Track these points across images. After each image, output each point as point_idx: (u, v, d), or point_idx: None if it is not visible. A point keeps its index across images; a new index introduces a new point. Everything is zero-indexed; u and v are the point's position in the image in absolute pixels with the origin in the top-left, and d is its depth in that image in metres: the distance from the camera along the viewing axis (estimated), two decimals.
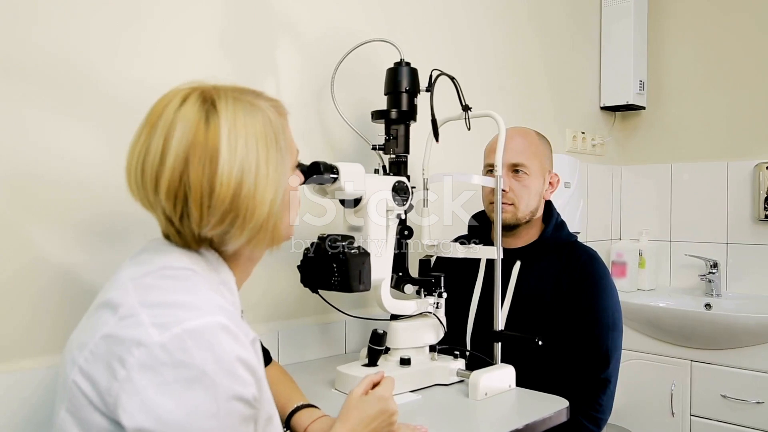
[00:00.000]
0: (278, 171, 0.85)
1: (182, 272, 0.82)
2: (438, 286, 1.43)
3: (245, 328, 0.80)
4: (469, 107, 1.46)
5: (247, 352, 0.77)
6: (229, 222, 0.82)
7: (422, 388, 1.34)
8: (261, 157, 0.83)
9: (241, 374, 0.75)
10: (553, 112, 2.43)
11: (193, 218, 0.82)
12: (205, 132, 0.80)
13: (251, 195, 0.82)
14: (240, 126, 0.82)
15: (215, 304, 0.78)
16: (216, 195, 0.80)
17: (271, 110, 0.88)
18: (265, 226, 0.85)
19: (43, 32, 1.15)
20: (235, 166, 0.80)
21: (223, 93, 0.84)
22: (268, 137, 0.85)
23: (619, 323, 1.50)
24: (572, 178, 2.31)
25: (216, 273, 0.87)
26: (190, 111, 0.81)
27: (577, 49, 2.56)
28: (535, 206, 1.55)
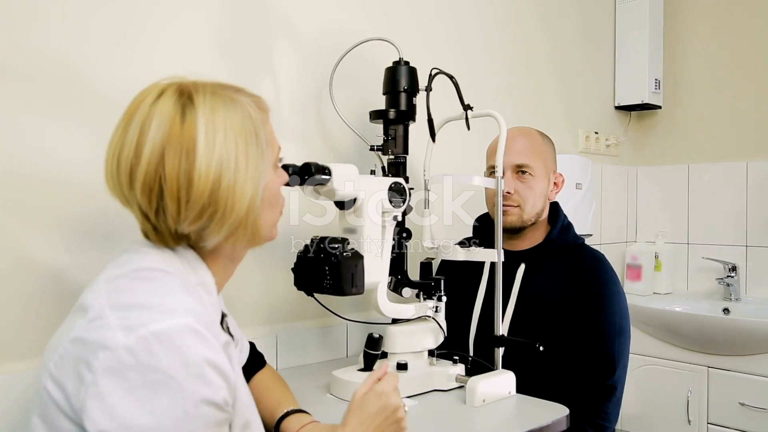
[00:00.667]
0: (258, 166, 0.84)
1: (155, 274, 0.80)
2: (438, 289, 1.40)
3: (217, 331, 0.78)
4: (470, 107, 1.43)
5: (217, 355, 0.75)
6: (207, 217, 0.81)
7: (420, 394, 1.31)
8: (240, 151, 0.82)
9: (210, 377, 0.73)
10: (565, 111, 2.38)
11: (169, 213, 0.80)
12: (181, 125, 0.79)
13: (231, 189, 0.81)
14: (218, 120, 0.81)
15: (185, 306, 0.76)
16: (194, 189, 0.79)
17: (252, 105, 0.87)
18: (244, 222, 0.84)
19: (39, 34, 1.15)
20: (213, 160, 0.79)
21: (201, 87, 0.83)
22: (247, 132, 0.83)
23: (626, 329, 1.45)
24: (584, 179, 2.26)
25: (194, 273, 0.86)
26: (166, 104, 0.80)
27: (590, 46, 2.51)
28: (541, 208, 1.51)
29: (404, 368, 1.31)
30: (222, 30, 1.41)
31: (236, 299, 1.46)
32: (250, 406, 0.88)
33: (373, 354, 1.30)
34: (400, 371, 1.30)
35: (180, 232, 0.83)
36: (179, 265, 0.84)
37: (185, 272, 0.84)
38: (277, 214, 0.95)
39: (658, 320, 2.36)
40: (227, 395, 0.76)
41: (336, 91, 1.52)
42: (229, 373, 0.77)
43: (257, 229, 0.87)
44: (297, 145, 1.55)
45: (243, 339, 1.21)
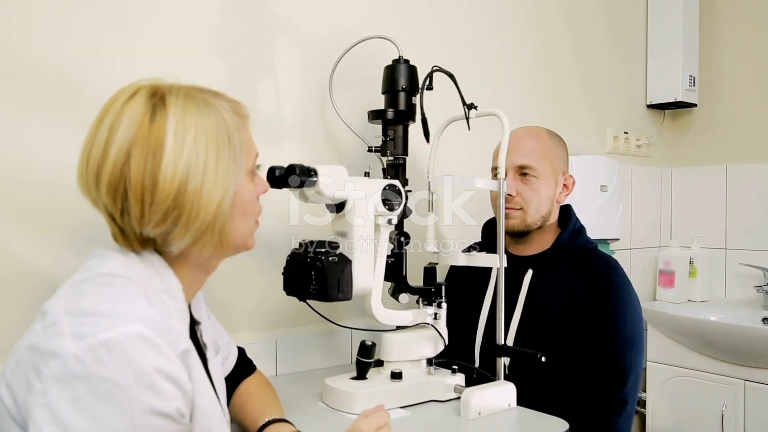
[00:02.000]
0: (229, 171, 0.82)
1: (115, 279, 0.79)
2: (438, 295, 1.35)
3: (174, 340, 0.76)
4: (473, 106, 1.37)
5: (171, 364, 0.73)
6: (172, 221, 0.79)
7: (415, 405, 1.26)
8: (210, 155, 0.80)
9: (160, 387, 0.71)
10: (592, 111, 2.29)
11: (133, 215, 0.79)
12: (150, 126, 0.78)
13: (197, 193, 0.79)
14: (189, 122, 0.79)
15: (139, 313, 0.74)
16: (159, 191, 0.77)
17: (227, 110, 0.85)
18: (211, 228, 0.82)
19: (23, 36, 1.15)
20: (180, 163, 0.78)
21: (175, 89, 0.82)
22: (219, 136, 0.82)
23: (638, 339, 1.37)
24: (610, 181, 2.16)
25: (159, 280, 0.84)
26: (137, 105, 0.79)
27: (620, 42, 2.40)
28: (547, 211, 1.44)
29: (398, 377, 1.26)
30: (220, 30, 1.40)
31: (235, 303, 1.44)
32: (214, 418, 0.85)
33: (365, 362, 1.26)
34: (394, 380, 1.26)
35: (145, 235, 0.81)
36: (144, 270, 0.83)
37: (149, 278, 0.83)
38: (252, 224, 0.92)
39: (691, 330, 2.24)
40: (182, 406, 0.74)
41: (339, 91, 1.49)
42: (185, 383, 0.75)
43: (225, 236, 0.84)
44: (299, 147, 1.52)
45: (230, 345, 1.19)
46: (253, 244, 0.94)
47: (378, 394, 1.22)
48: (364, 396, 1.21)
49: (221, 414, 0.89)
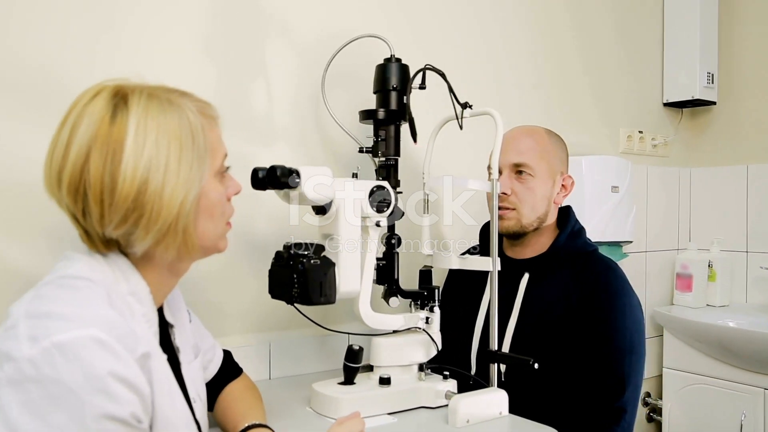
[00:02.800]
0: (192, 172, 0.81)
1: (77, 282, 0.78)
2: (431, 299, 1.32)
3: (133, 344, 0.74)
4: (468, 105, 1.33)
5: (126, 368, 0.72)
6: (132, 222, 0.79)
7: (404, 411, 1.23)
8: (172, 156, 0.79)
9: (114, 391, 0.70)
10: (603, 110, 2.22)
11: (94, 216, 0.79)
12: (110, 125, 0.77)
13: (157, 194, 0.78)
14: (151, 122, 0.78)
15: (96, 316, 0.73)
16: (118, 191, 0.77)
17: (193, 110, 0.83)
18: (173, 229, 0.81)
19: (18, 39, 1.16)
20: (140, 163, 0.77)
21: (138, 89, 0.81)
22: (183, 136, 0.81)
23: (638, 346, 1.31)
24: (621, 182, 2.09)
25: (125, 282, 0.83)
26: (98, 105, 0.79)
27: (634, 38, 2.33)
28: (543, 212, 1.39)
29: (387, 383, 1.23)
30: (212, 32, 1.39)
31: (228, 305, 1.43)
32: (180, 423, 0.83)
33: (352, 367, 1.24)
34: (382, 386, 1.23)
35: (107, 236, 0.81)
36: (108, 273, 0.82)
37: (115, 280, 0.82)
38: (222, 225, 0.91)
39: (710, 336, 2.16)
40: (138, 410, 0.73)
41: (336, 92, 1.47)
42: (142, 388, 0.74)
43: (189, 238, 0.83)
44: (292, 148, 1.51)
45: (215, 348, 1.17)
46: (225, 246, 0.93)
47: (365, 399, 1.20)
48: (350, 401, 1.18)
49: (190, 419, 0.88)
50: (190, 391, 0.94)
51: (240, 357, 1.44)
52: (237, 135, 1.43)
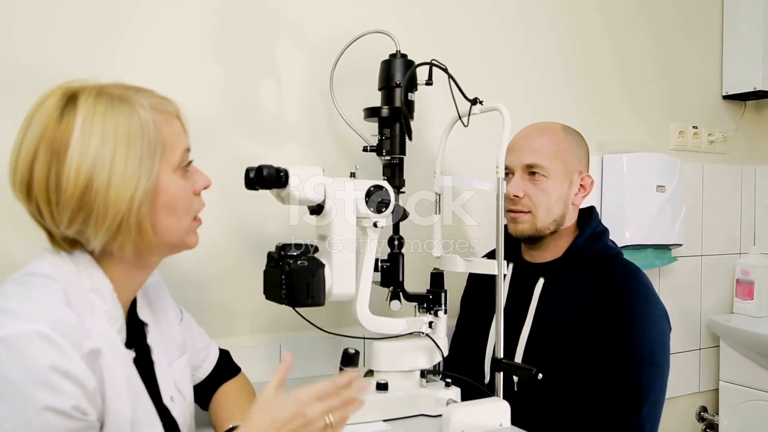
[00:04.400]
0: (141, 168, 0.81)
1: (36, 279, 0.80)
2: (437, 303, 1.27)
3: (80, 339, 0.75)
4: (478, 101, 1.28)
5: (70, 362, 0.73)
6: (82, 220, 0.79)
7: (401, 418, 1.19)
8: (119, 153, 0.79)
9: (56, 384, 0.71)
10: (651, 104, 2.08)
11: (46, 215, 0.80)
12: (56, 126, 0.78)
13: (103, 192, 0.78)
14: (97, 121, 0.79)
15: (44, 312, 0.75)
16: (63, 191, 0.78)
17: (145, 106, 0.83)
18: (125, 226, 0.80)
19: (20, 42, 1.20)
20: (85, 162, 0.77)
21: (89, 88, 0.82)
22: (131, 134, 0.80)
23: (660, 358, 1.21)
24: (669, 181, 1.96)
25: (89, 279, 0.84)
26: (48, 106, 0.80)
27: (689, 26, 2.16)
28: (560, 214, 1.31)
29: (384, 388, 1.20)
30: (220, 32, 1.40)
31: (237, 306, 1.44)
32: (140, 420, 0.83)
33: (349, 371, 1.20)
34: (379, 392, 1.19)
35: (65, 235, 0.81)
36: (72, 270, 0.83)
37: (77, 278, 0.83)
38: (187, 220, 0.90)
39: None
40: (82, 404, 0.74)
41: (348, 90, 1.44)
42: (86, 382, 0.75)
43: (145, 234, 0.83)
44: (303, 147, 1.49)
45: (209, 348, 1.18)
46: (195, 242, 0.93)
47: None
48: None
49: (154, 416, 0.87)
50: (164, 389, 0.94)
51: (249, 358, 1.44)
52: (246, 135, 1.44)
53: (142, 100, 0.84)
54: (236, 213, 1.42)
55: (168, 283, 1.34)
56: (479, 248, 1.72)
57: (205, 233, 1.39)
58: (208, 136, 1.39)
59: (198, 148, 1.36)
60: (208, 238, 1.40)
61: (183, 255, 1.39)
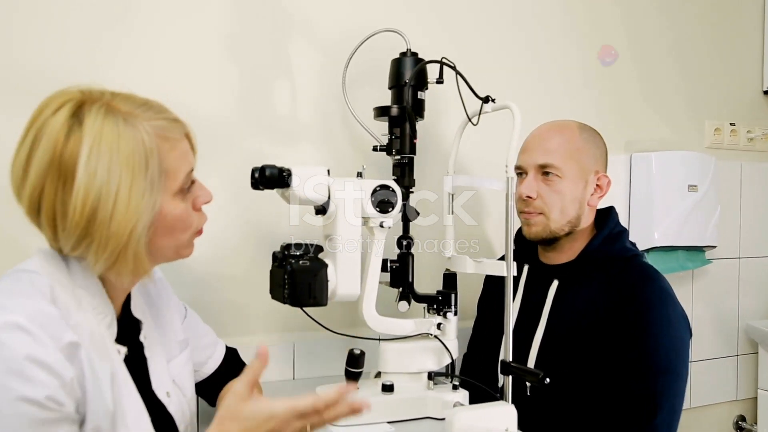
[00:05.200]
0: (144, 200, 0.81)
1: (24, 275, 0.82)
2: (446, 304, 1.25)
3: (58, 332, 0.77)
4: (491, 99, 1.25)
5: (46, 353, 0.74)
6: (84, 247, 0.81)
7: (407, 420, 1.18)
8: (123, 183, 0.79)
9: (30, 374, 0.73)
10: (683, 101, 2.01)
11: (48, 235, 0.82)
12: (64, 148, 0.78)
13: (106, 223, 0.78)
14: (105, 146, 0.78)
15: (23, 305, 0.76)
16: (69, 219, 0.78)
17: (149, 132, 0.82)
18: (123, 256, 0.81)
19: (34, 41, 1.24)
20: (92, 191, 0.77)
21: (98, 104, 0.81)
22: (136, 162, 0.80)
23: (676, 365, 1.16)
24: (701, 180, 1.88)
25: (80, 276, 0.85)
26: (57, 121, 0.79)
27: (726, 19, 2.08)
28: (575, 215, 1.27)
29: (389, 390, 1.19)
30: (233, 33, 1.42)
31: (251, 305, 1.45)
32: (126, 414, 0.84)
33: (353, 372, 1.20)
34: (385, 393, 1.18)
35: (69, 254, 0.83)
36: (61, 267, 0.84)
37: (66, 275, 0.84)
38: (184, 238, 0.90)
39: None
40: (56, 394, 0.75)
41: (364, 89, 1.44)
42: (63, 373, 0.76)
43: (140, 262, 0.83)
44: (317, 147, 1.50)
45: (216, 346, 1.19)
46: (189, 253, 0.93)
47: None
48: None
49: (142, 411, 0.88)
50: (159, 385, 0.95)
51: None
52: (261, 135, 1.45)
53: (147, 124, 0.82)
54: (251, 213, 1.44)
55: (182, 283, 1.37)
56: (498, 249, 1.69)
57: (220, 234, 1.43)
58: (223, 137, 1.41)
59: (213, 149, 1.40)
60: (223, 238, 1.43)
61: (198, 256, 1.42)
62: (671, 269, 1.87)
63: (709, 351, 2.06)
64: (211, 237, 1.42)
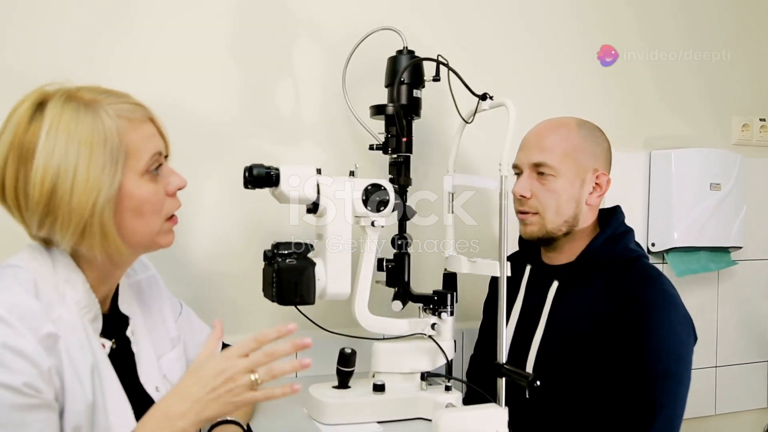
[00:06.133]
0: (104, 174, 0.83)
1: (8, 270, 0.85)
2: (441, 304, 1.24)
3: (37, 323, 0.79)
4: (488, 96, 1.23)
5: (23, 342, 0.77)
6: (49, 225, 0.83)
7: (399, 420, 1.17)
8: (81, 160, 0.82)
9: (7, 362, 0.76)
10: (708, 96, 1.93)
11: (17, 218, 0.85)
12: (25, 132, 0.82)
13: (67, 199, 0.82)
14: (62, 129, 0.82)
15: (3, 297, 0.79)
16: (30, 198, 0.81)
17: (110, 113, 0.85)
18: (89, 231, 0.84)
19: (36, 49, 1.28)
20: (50, 169, 0.81)
21: (61, 93, 0.85)
22: (94, 140, 0.83)
23: (676, 369, 1.12)
24: (725, 178, 1.81)
25: (63, 271, 0.88)
26: (21, 111, 0.83)
27: (756, 8, 1.99)
28: (571, 215, 1.24)
29: (380, 390, 1.18)
30: (237, 32, 1.43)
31: (250, 303, 1.45)
32: (108, 405, 0.86)
33: (346, 371, 1.20)
34: (375, 393, 1.18)
35: (37, 235, 0.86)
36: (47, 262, 0.87)
37: (51, 269, 0.87)
38: (156, 221, 0.92)
39: None
40: (34, 381, 0.77)
41: (365, 87, 1.43)
42: (40, 362, 0.78)
43: (110, 237, 0.85)
44: (321, 146, 1.50)
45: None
46: (169, 241, 0.95)
47: (352, 405, 1.17)
48: (335, 406, 1.16)
49: (123, 402, 0.89)
50: (148, 379, 0.97)
51: None
52: (264, 135, 1.47)
53: (108, 107, 0.85)
54: (255, 212, 1.45)
55: (184, 280, 1.39)
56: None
57: (223, 232, 1.45)
58: (226, 136, 1.43)
59: (217, 148, 1.43)
60: (226, 237, 1.45)
61: (201, 253, 1.45)
62: (693, 270, 1.81)
63: (736, 356, 1.97)
64: (214, 235, 1.45)
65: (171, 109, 1.37)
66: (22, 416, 0.77)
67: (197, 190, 1.41)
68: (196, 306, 1.32)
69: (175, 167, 0.96)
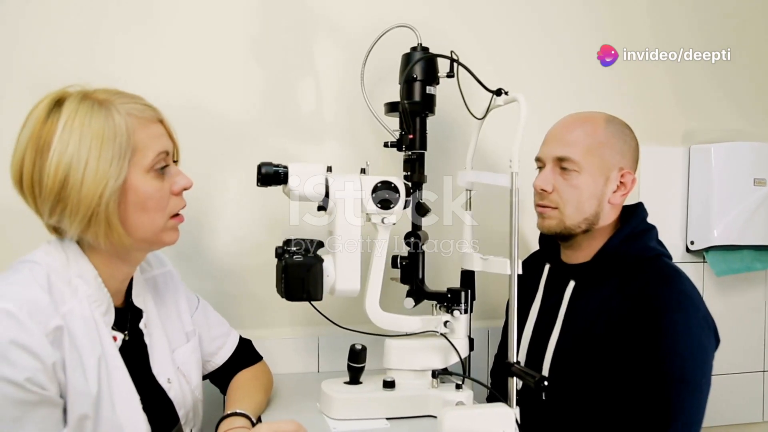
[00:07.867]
0: (111, 168, 0.88)
1: (24, 265, 0.91)
2: (455, 302, 1.23)
3: (45, 318, 0.84)
4: (503, 91, 1.21)
5: (30, 338, 0.81)
6: (59, 212, 0.89)
7: (408, 418, 1.17)
8: (92, 153, 0.87)
9: (13, 357, 0.80)
10: (756, 87, 1.83)
11: (32, 206, 0.91)
12: (42, 127, 0.88)
13: (77, 188, 0.87)
14: (77, 123, 0.87)
15: (15, 293, 0.84)
16: (44, 186, 0.87)
17: (121, 112, 0.90)
18: (95, 219, 0.89)
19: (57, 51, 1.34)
20: (64, 160, 0.86)
21: (77, 93, 0.91)
22: (105, 136, 0.88)
23: (693, 375, 1.07)
24: None
25: (76, 265, 0.93)
26: (41, 108, 0.90)
27: None
28: (592, 212, 1.20)
29: (391, 386, 1.19)
30: (257, 33, 1.46)
31: (275, 299, 1.48)
32: (115, 397, 0.90)
33: (356, 367, 1.21)
34: (386, 389, 1.19)
35: (49, 222, 0.91)
36: (61, 257, 0.92)
37: (64, 264, 0.92)
38: (162, 218, 0.96)
39: None
40: (38, 377, 0.82)
41: (387, 85, 1.43)
42: (45, 357, 0.82)
43: (114, 228, 0.90)
44: (343, 146, 1.51)
45: (228, 336, 1.24)
46: (173, 239, 0.98)
47: (361, 401, 1.17)
48: (344, 401, 1.17)
49: (131, 394, 0.93)
50: (160, 371, 1.02)
51: (288, 349, 1.50)
52: (285, 134, 1.49)
53: (120, 106, 0.91)
54: (277, 209, 1.47)
55: (209, 274, 1.43)
56: (529, 246, 1.63)
57: (246, 229, 1.49)
58: (249, 135, 1.47)
59: (239, 147, 1.46)
60: (249, 232, 1.49)
61: (225, 249, 1.49)
62: (735, 270, 1.72)
63: None
64: (237, 231, 1.48)
65: (195, 110, 1.44)
66: (20, 413, 0.81)
67: (221, 188, 1.46)
68: (219, 300, 1.37)
69: (199, 165, 1.00)
